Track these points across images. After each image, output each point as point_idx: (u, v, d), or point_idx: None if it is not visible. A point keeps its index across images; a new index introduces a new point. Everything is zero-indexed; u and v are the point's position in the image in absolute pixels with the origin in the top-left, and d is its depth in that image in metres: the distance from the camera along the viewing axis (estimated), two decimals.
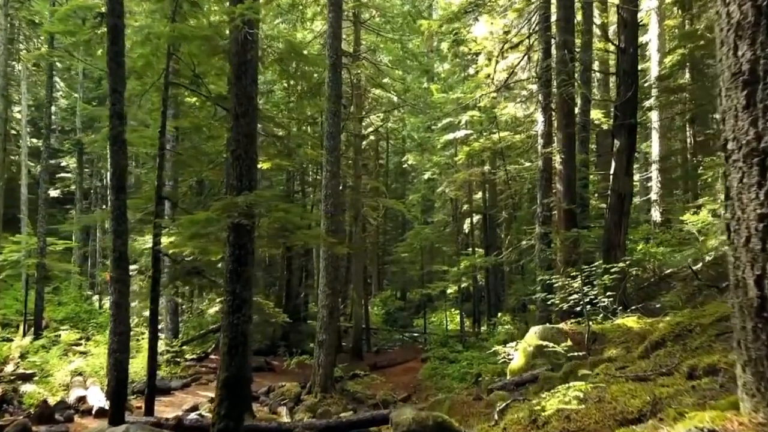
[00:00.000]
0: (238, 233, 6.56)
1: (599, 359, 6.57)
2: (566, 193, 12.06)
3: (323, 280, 13.85)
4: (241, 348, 6.49)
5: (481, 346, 17.40)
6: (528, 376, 7.49)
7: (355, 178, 20.84)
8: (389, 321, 31.24)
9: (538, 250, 12.40)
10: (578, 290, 8.19)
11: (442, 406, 7.14)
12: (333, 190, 13.95)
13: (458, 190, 24.09)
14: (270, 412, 12.38)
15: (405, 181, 40.40)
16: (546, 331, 8.25)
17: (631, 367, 4.61)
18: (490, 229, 24.37)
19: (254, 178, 6.83)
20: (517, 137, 19.67)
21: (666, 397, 3.08)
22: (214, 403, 6.44)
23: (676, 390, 3.19)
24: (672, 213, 24.37)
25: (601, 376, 4.48)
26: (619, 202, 11.72)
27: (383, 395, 14.46)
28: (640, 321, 8.19)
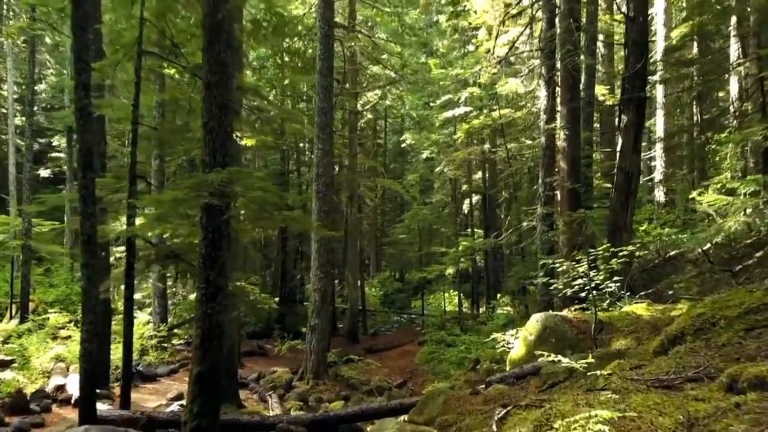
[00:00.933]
0: (211, 215, 5.94)
1: (607, 352, 6.00)
2: (570, 171, 11.42)
3: (315, 263, 13.28)
4: (216, 340, 5.92)
5: (480, 330, 16.92)
6: (529, 368, 6.93)
7: (351, 157, 20.17)
8: (387, 302, 30.80)
9: (539, 231, 11.81)
10: (583, 275, 7.62)
11: (435, 402, 6.60)
12: (325, 169, 13.31)
13: (457, 170, 23.44)
14: (259, 399, 11.90)
15: (404, 160, 39.75)
16: (548, 319, 7.68)
17: (649, 368, 4.03)
18: (490, 210, 23.76)
19: (229, 153, 6.19)
20: (518, 114, 18.95)
21: (704, 417, 2.52)
22: (187, 400, 5.89)
23: (715, 407, 2.61)
24: (676, 193, 23.78)
25: (616, 379, 3.91)
26: (626, 181, 11.08)
27: (378, 381, 14.01)
28: (650, 308, 7.62)
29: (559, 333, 7.44)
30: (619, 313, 7.69)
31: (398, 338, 20.88)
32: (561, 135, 11.62)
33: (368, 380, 14.26)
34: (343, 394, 12.78)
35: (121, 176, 8.37)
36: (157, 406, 10.11)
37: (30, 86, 18.65)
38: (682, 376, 3.56)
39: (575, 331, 7.43)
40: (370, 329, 23.77)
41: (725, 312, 4.63)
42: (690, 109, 22.57)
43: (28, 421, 8.90)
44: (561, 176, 11.55)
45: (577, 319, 7.64)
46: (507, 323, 15.72)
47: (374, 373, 15.10)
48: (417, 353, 17.74)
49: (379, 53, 21.26)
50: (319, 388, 12.94)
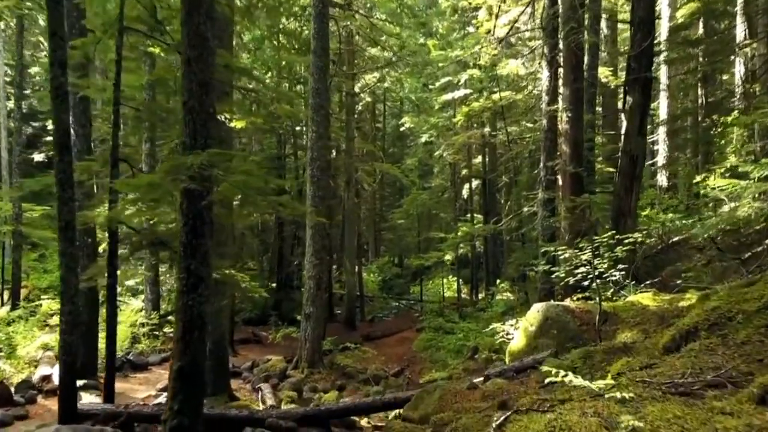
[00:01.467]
0: (192, 200, 5.56)
1: (612, 346, 5.66)
2: (573, 155, 11.02)
3: (310, 250, 12.93)
4: (198, 333, 5.57)
5: (478, 317, 16.63)
6: (530, 362, 6.61)
7: (348, 140, 19.73)
8: (385, 288, 30.53)
9: (540, 217, 11.44)
10: (586, 263, 7.27)
11: (431, 398, 6.28)
12: (320, 153, 12.91)
13: (457, 154, 23.00)
14: (252, 389, 11.62)
15: (403, 145, 39.29)
16: (550, 309, 7.35)
17: (662, 368, 3.68)
18: (490, 195, 23.37)
19: (211, 135, 5.78)
20: (518, 96, 18.47)
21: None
22: (167, 397, 5.56)
23: (747, 425, 2.27)
24: (679, 178, 23.37)
25: (625, 381, 3.56)
26: (631, 165, 10.69)
27: (374, 370, 13.72)
28: (657, 298, 7.27)
29: (561, 324, 7.11)
30: (624, 303, 7.35)
31: (396, 325, 20.59)
32: (563, 117, 11.20)
33: (364, 368, 13.97)
34: (339, 383, 12.50)
35: (104, 160, 7.97)
36: (146, 396, 9.84)
37: (18, 68, 18.15)
38: (701, 380, 3.21)
39: (578, 322, 7.10)
40: (368, 315, 23.50)
41: (743, 306, 4.28)
42: (695, 91, 22.05)
43: (11, 414, 8.61)
44: (563, 160, 11.16)
45: (579, 310, 7.30)
46: (506, 310, 15.43)
47: (371, 361, 14.81)
48: (415, 340, 17.46)
49: (376, 34, 20.71)
50: (314, 377, 12.66)
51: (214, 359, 10.02)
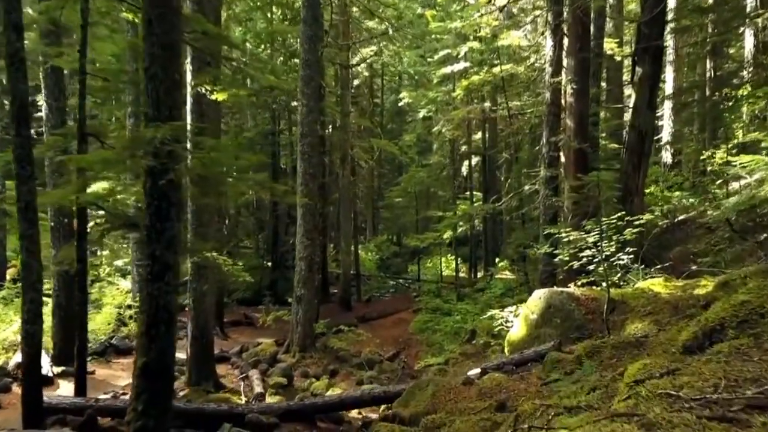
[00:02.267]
0: (156, 179, 4.98)
1: (623, 341, 5.12)
2: (577, 129, 10.38)
3: (301, 230, 12.36)
4: (164, 326, 5.04)
5: (477, 299, 16.15)
6: (531, 354, 6.09)
7: (343, 116, 19.01)
8: (383, 267, 30.05)
9: (542, 196, 10.85)
10: (592, 246, 6.72)
11: (424, 393, 5.77)
12: (310, 128, 12.25)
13: (456, 130, 22.29)
14: (241, 375, 11.16)
15: (401, 121, 38.50)
16: (553, 296, 6.81)
17: (688, 376, 3.13)
18: (490, 172, 22.72)
19: (178, 105, 5.18)
20: (520, 69, 17.71)
21: None
22: (130, 397, 5.05)
23: None
24: (684, 154, 22.72)
25: (646, 393, 3.02)
26: (639, 140, 10.08)
27: (368, 353, 13.27)
28: (668, 284, 6.72)
29: (565, 313, 6.57)
30: (633, 290, 6.81)
31: (393, 305, 20.13)
32: (568, 89, 10.53)
33: (359, 352, 13.53)
34: (331, 368, 12.05)
35: (71, 134, 7.35)
36: (126, 385, 9.36)
37: None
38: (739, 396, 2.66)
39: (583, 311, 6.56)
40: (365, 295, 23.05)
41: None
42: (703, 64, 21.25)
43: None
44: (567, 135, 10.52)
45: (585, 297, 6.76)
46: (505, 291, 14.94)
47: (365, 345, 14.36)
48: (411, 322, 17.01)
49: (372, 3, 19.85)
50: (306, 362, 12.21)
51: (199, 346, 9.54)
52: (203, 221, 9.37)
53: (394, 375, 12.32)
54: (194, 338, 9.46)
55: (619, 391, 3.49)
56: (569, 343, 6.27)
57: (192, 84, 9.13)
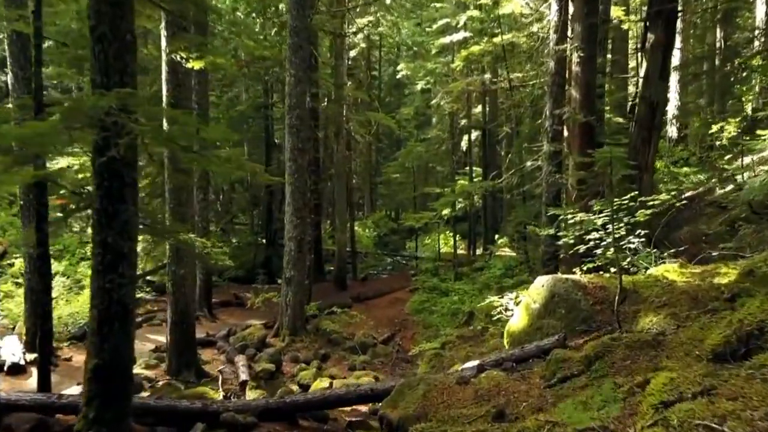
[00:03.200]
0: (105, 156, 4.33)
1: (639, 339, 4.53)
2: (584, 101, 9.67)
3: (290, 208, 11.74)
4: (119, 323, 4.45)
5: (475, 279, 15.60)
6: (533, 349, 5.51)
7: (337, 88, 18.21)
8: (380, 244, 29.52)
9: (545, 172, 10.19)
10: (600, 228, 6.10)
11: (414, 393, 5.21)
12: (299, 100, 11.53)
13: (455, 102, 21.51)
14: (226, 361, 10.65)
15: (399, 94, 37.63)
16: (557, 284, 6.21)
17: (730, 401, 2.54)
18: (490, 147, 22.02)
19: (130, 71, 4.49)
20: (521, 38, 16.87)
21: None
22: (82, 402, 4.48)
23: None
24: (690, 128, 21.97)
25: (677, 423, 2.44)
26: (650, 113, 9.40)
27: (362, 336, 12.77)
28: (685, 271, 6.12)
29: (570, 302, 5.98)
30: (645, 278, 6.20)
31: (389, 284, 19.61)
32: (574, 57, 9.78)
33: (352, 334, 13.03)
34: (322, 352, 11.56)
35: (25, 105, 6.67)
36: None
37: None
38: None
39: (590, 301, 5.97)
40: (362, 273, 22.54)
41: None
42: (712, 33, 20.38)
43: None
44: (572, 107, 9.81)
45: (592, 285, 6.16)
46: (505, 272, 14.39)
47: (359, 327, 13.85)
48: (408, 302, 16.51)
49: None
50: (296, 346, 11.70)
51: (179, 332, 8.99)
52: (182, 200, 8.73)
53: (388, 359, 11.84)
54: (174, 324, 8.90)
55: (641, 413, 2.90)
56: (575, 336, 5.70)
57: (167, 51, 8.41)
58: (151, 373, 8.91)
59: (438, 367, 10.49)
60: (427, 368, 10.67)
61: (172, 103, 8.51)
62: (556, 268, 10.27)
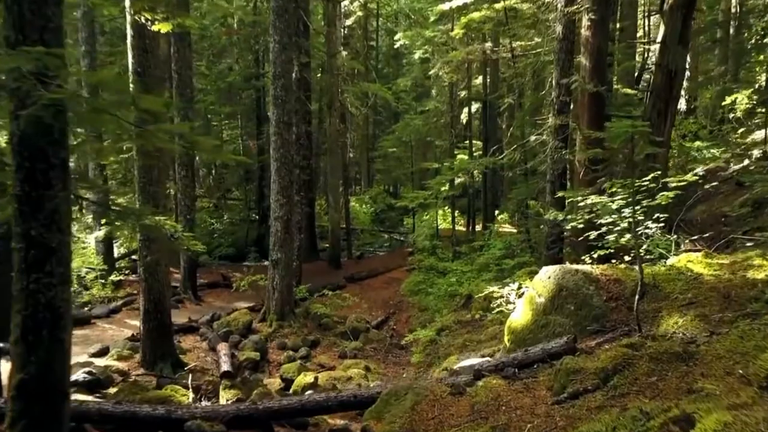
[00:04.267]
0: (27, 130, 3.57)
1: (665, 351, 3.81)
2: (594, 69, 8.83)
3: (275, 186, 10.97)
4: (47, 330, 3.73)
5: (474, 259, 14.90)
6: (538, 353, 4.81)
7: (329, 57, 17.24)
8: (377, 220, 28.79)
9: (551, 148, 9.40)
10: (615, 212, 5.37)
11: (401, 405, 4.53)
12: (284, 68, 10.66)
13: (454, 73, 20.50)
14: (209, 349, 10.01)
15: (398, 64, 36.52)
16: (565, 275, 5.48)
17: None
18: (491, 120, 21.11)
19: (55, 27, 3.69)
20: (525, 4, 15.86)
21: None
22: (5, 424, 3.79)
23: None
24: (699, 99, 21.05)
25: None
26: (667, 82, 8.55)
27: (354, 320, 12.12)
28: (712, 262, 5.39)
29: (581, 298, 5.26)
30: (666, 269, 5.48)
31: (384, 263, 18.95)
32: (584, 21, 8.91)
33: (344, 318, 12.39)
34: (312, 339, 10.92)
35: None
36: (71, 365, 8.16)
37: None
38: None
39: (603, 296, 5.25)
40: (357, 251, 21.88)
41: None
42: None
43: None
44: (581, 76, 8.97)
45: (605, 278, 5.43)
46: (506, 252, 13.68)
47: (352, 309, 13.22)
48: (403, 282, 15.87)
49: None
50: (284, 332, 11.06)
51: (153, 322, 8.30)
52: (153, 178, 7.96)
53: (381, 345, 11.21)
54: (147, 313, 8.21)
55: None
56: (586, 337, 5.00)
57: (131, 12, 7.54)
58: (124, 365, 8.27)
59: (433, 356, 9.87)
60: (422, 357, 10.06)
61: (139, 72, 7.68)
62: (560, 251, 9.57)
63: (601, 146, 8.95)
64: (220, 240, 21.76)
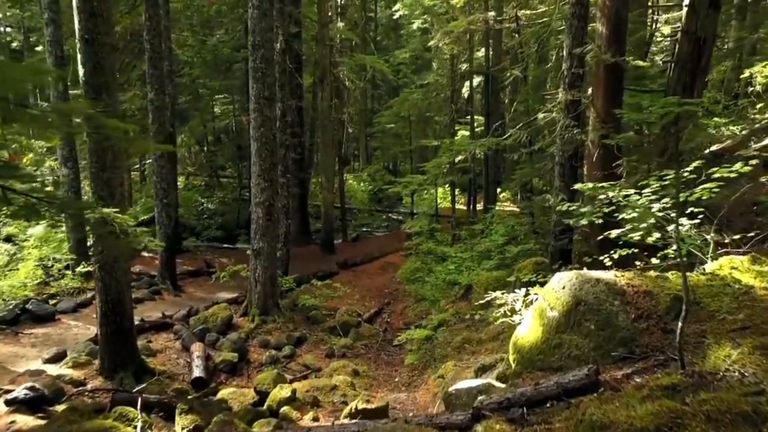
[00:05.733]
0: None
1: (728, 408, 2.86)
2: (612, 36, 7.74)
3: (255, 168, 9.98)
4: None
5: (474, 244, 13.94)
6: (552, 388, 3.86)
7: (321, 26, 16.06)
8: (376, 199, 27.78)
9: (561, 126, 8.35)
10: (645, 207, 4.41)
11: None
12: (263, 37, 9.56)
13: (455, 44, 19.28)
14: (182, 348, 9.14)
15: (397, 36, 35.14)
16: (584, 286, 4.51)
17: None
18: (493, 94, 19.94)
19: None
20: None
21: None
22: None
23: None
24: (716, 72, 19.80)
25: None
26: (695, 51, 7.48)
27: (345, 313, 11.26)
28: (763, 270, 4.42)
29: (604, 315, 4.31)
30: (706, 279, 4.50)
31: (381, 246, 18.05)
32: None
33: (334, 310, 11.52)
34: (297, 335, 10.06)
35: None
36: (19, 375, 7.29)
37: None
38: None
39: (631, 314, 4.29)
40: (354, 232, 20.96)
41: None
42: None
43: None
44: (597, 44, 7.88)
45: (633, 289, 4.46)
46: (508, 239, 12.72)
47: (343, 300, 12.34)
48: (400, 267, 14.96)
49: None
50: (267, 327, 10.20)
51: (112, 325, 7.40)
52: (106, 163, 6.96)
53: (374, 342, 10.35)
54: (104, 316, 7.31)
55: None
56: (611, 365, 4.06)
57: None
58: (80, 374, 7.38)
59: (428, 357, 8.99)
60: (416, 357, 9.16)
61: (87, 39, 6.63)
62: (570, 242, 8.60)
63: (618, 125, 7.93)
64: (209, 221, 20.81)
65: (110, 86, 6.94)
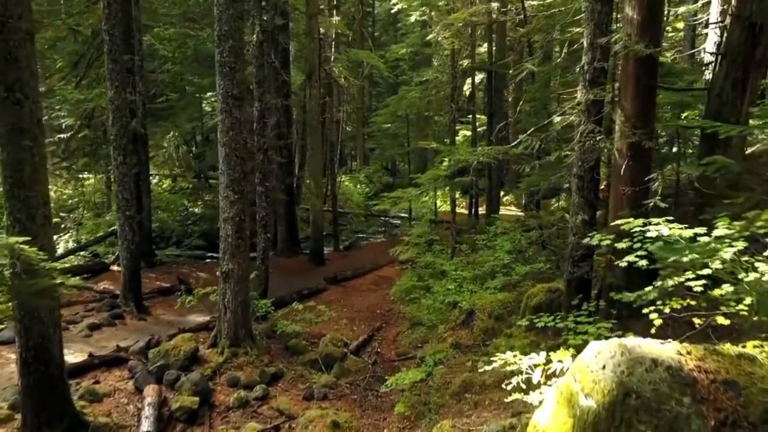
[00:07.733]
0: None
1: None
2: (646, 23, 6.39)
3: (224, 178, 8.64)
4: None
5: (475, 257, 12.60)
6: None
7: (308, 18, 14.70)
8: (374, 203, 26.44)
9: (581, 132, 6.99)
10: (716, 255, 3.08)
11: None
12: (232, 26, 8.21)
13: (456, 38, 17.94)
14: (135, 390, 7.82)
15: (396, 31, 33.87)
16: (634, 367, 3.17)
17: None
18: (496, 92, 18.62)
19: None
20: None
21: None
22: None
23: None
24: None
25: None
26: (749, 41, 6.13)
27: (329, 342, 9.93)
28: None
29: (668, 419, 2.95)
30: None
31: (375, 256, 16.70)
32: None
33: (318, 337, 10.21)
34: (273, 370, 8.74)
35: None
36: None
37: None
38: None
39: (710, 419, 2.93)
40: (347, 239, 19.65)
41: None
42: None
43: None
44: (627, 33, 6.52)
45: (706, 376, 3.10)
46: (515, 257, 11.37)
47: (329, 325, 11.02)
48: (395, 282, 13.60)
49: None
50: (238, 361, 8.85)
51: (36, 375, 6.07)
52: (23, 178, 5.63)
53: (361, 379, 8.98)
54: (25, 365, 5.98)
55: None
56: None
57: None
58: None
59: (422, 406, 7.64)
60: (408, 404, 7.76)
61: None
62: (591, 270, 7.24)
63: (651, 131, 6.59)
64: (193, 227, 19.48)
65: (27, 83, 5.61)
